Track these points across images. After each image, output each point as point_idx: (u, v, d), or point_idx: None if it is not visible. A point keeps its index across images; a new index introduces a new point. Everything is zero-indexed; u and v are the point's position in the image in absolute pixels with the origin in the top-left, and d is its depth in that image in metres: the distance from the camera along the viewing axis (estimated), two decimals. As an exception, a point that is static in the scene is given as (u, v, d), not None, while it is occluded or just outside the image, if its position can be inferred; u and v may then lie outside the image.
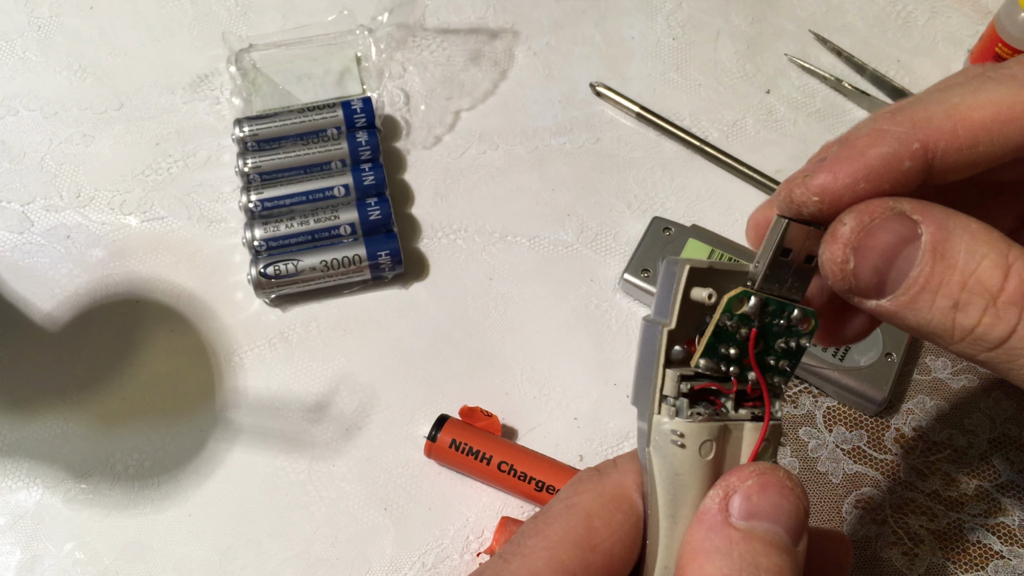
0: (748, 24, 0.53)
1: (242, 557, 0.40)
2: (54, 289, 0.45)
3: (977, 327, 0.20)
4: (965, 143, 0.21)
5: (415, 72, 0.52)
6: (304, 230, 0.44)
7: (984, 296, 0.20)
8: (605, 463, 0.24)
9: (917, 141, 0.21)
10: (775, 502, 0.21)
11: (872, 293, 0.21)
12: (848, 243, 0.21)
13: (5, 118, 0.50)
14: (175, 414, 0.42)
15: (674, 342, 0.22)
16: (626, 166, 0.49)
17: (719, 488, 0.21)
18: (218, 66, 0.52)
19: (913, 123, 0.21)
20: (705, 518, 0.21)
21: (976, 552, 0.40)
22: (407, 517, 0.40)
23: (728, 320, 0.22)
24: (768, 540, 0.21)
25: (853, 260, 0.21)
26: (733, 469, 0.22)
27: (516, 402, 0.43)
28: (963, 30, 0.53)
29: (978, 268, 0.20)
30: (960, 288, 0.20)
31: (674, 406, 0.22)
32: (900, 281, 0.20)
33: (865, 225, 0.21)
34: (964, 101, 0.21)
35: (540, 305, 0.45)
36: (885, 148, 0.21)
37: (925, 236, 0.20)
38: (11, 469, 0.41)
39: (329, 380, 0.43)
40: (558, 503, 0.23)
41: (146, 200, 0.48)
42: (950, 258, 0.20)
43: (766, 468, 0.22)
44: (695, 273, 0.22)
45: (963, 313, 0.20)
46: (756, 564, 0.20)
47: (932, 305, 0.20)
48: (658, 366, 0.22)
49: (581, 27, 0.53)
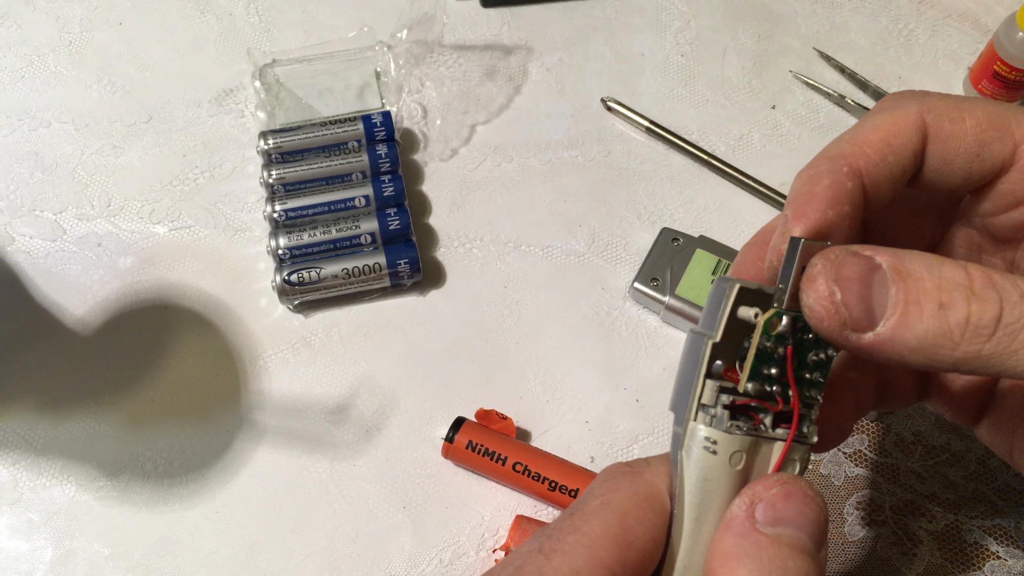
0: (754, 42, 0.55)
1: (267, 552, 0.41)
2: (86, 295, 0.47)
3: (970, 316, 0.21)
4: (877, 159, 0.25)
5: (432, 87, 0.53)
6: (326, 239, 0.46)
7: (961, 289, 0.21)
8: (638, 461, 0.25)
9: (844, 166, 0.25)
10: (799, 509, 0.22)
11: (865, 323, 0.22)
12: (827, 276, 0.23)
13: (38, 130, 0.52)
14: (202, 415, 0.44)
15: (716, 355, 0.24)
16: (636, 178, 0.51)
17: (745, 496, 0.23)
18: (243, 80, 0.53)
19: (829, 157, 0.25)
20: (733, 524, 0.22)
21: (973, 553, 0.41)
22: (425, 515, 0.42)
23: (767, 342, 0.23)
24: (794, 545, 0.22)
25: (838, 291, 0.22)
26: (758, 479, 0.23)
27: (530, 405, 0.44)
28: (963, 48, 0.54)
29: (942, 272, 0.21)
30: (938, 290, 0.21)
31: (711, 415, 0.23)
32: (885, 304, 0.22)
33: (833, 261, 0.23)
34: (859, 131, 0.26)
35: (553, 312, 0.47)
36: (826, 180, 0.25)
37: (884, 264, 0.22)
38: (45, 467, 0.43)
39: (350, 383, 0.45)
40: (593, 500, 0.24)
41: (174, 209, 0.49)
42: (915, 273, 0.22)
43: (789, 478, 0.23)
44: (744, 292, 0.24)
45: (952, 309, 0.21)
46: (784, 567, 0.21)
47: (923, 314, 0.21)
48: (699, 376, 0.23)
49: (593, 44, 0.55)
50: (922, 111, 0.26)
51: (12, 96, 0.53)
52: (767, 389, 0.24)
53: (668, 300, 0.45)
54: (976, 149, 0.25)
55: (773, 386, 0.24)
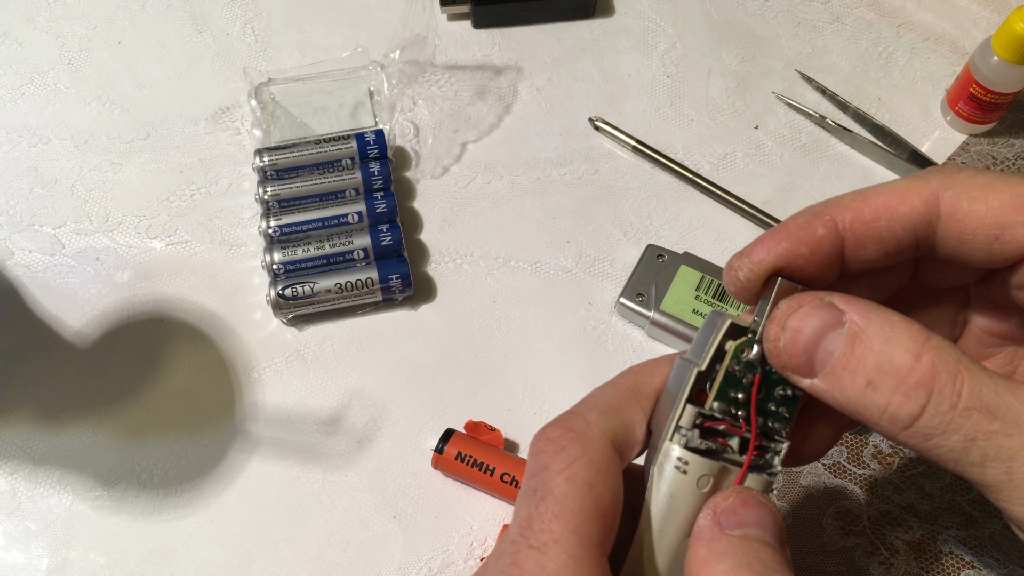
0: (738, 63, 0.56)
1: (260, 561, 0.42)
2: (84, 308, 0.48)
3: (889, 405, 0.22)
4: (868, 217, 0.25)
5: (424, 106, 0.55)
6: (320, 254, 0.47)
7: (895, 376, 0.22)
8: (572, 419, 0.25)
9: (828, 214, 0.26)
10: (757, 513, 0.24)
11: (803, 371, 0.24)
12: (779, 323, 0.24)
13: (38, 146, 0.53)
14: (197, 426, 0.45)
15: (700, 382, 0.25)
16: (623, 196, 0.52)
17: (707, 510, 0.24)
18: (239, 99, 0.55)
19: (827, 204, 0.26)
20: (703, 534, 0.24)
21: (949, 562, 0.42)
22: (415, 525, 0.43)
23: (736, 366, 0.25)
24: (761, 540, 0.23)
25: (783, 339, 0.24)
26: (715, 495, 0.25)
27: (518, 417, 0.45)
28: (941, 71, 0.56)
29: (891, 352, 0.22)
30: (874, 368, 0.22)
31: (685, 436, 0.25)
32: (827, 362, 0.23)
33: (794, 309, 0.24)
34: (871, 189, 0.26)
35: (541, 327, 0.48)
36: (800, 218, 0.26)
37: (848, 323, 0.23)
38: (42, 477, 0.44)
39: (342, 396, 0.46)
40: (555, 476, 0.24)
41: (171, 225, 0.50)
42: (867, 342, 0.23)
43: (742, 489, 0.24)
44: (734, 328, 0.25)
45: (876, 392, 0.22)
46: (759, 557, 0.22)
47: (852, 383, 0.23)
48: (681, 400, 0.25)
49: (581, 65, 0.56)
50: (941, 187, 0.25)
51: (12, 113, 0.54)
52: (732, 411, 0.25)
53: (653, 315, 0.46)
54: (995, 232, 0.24)
55: (739, 410, 0.25)
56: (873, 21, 0.58)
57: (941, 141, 0.53)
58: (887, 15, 0.58)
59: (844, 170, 0.53)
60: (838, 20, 0.58)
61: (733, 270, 0.26)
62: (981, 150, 0.53)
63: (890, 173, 0.52)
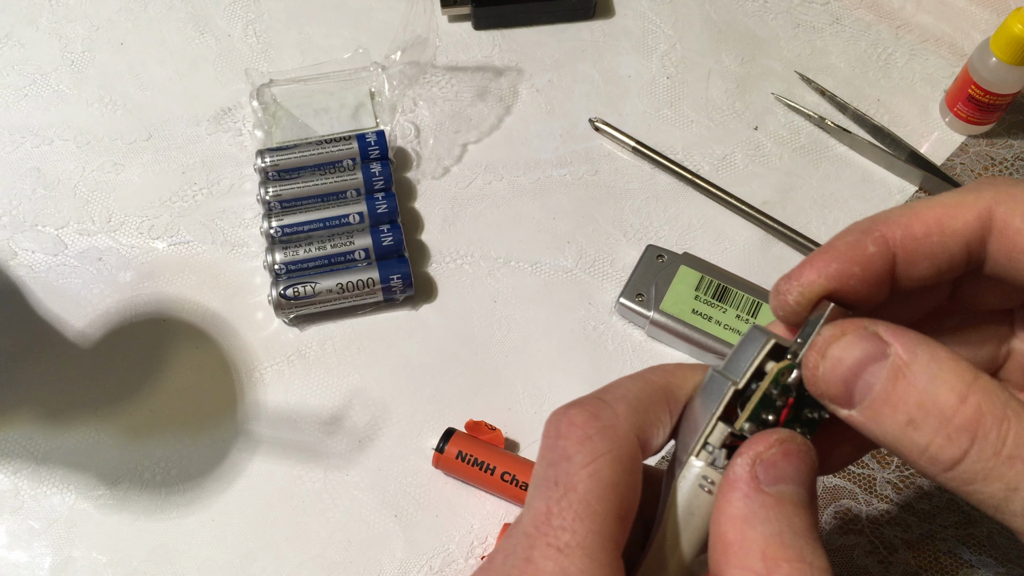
0: (738, 65, 0.56)
1: (262, 560, 0.42)
2: (86, 308, 0.48)
3: (930, 446, 0.21)
4: (920, 233, 0.24)
5: (425, 107, 0.55)
6: (321, 254, 0.47)
7: (938, 417, 0.21)
8: (601, 408, 0.24)
9: (878, 231, 0.24)
10: (797, 466, 0.23)
11: (841, 401, 0.23)
12: (819, 351, 0.23)
13: (40, 147, 0.53)
14: (199, 426, 0.45)
15: (736, 400, 0.24)
16: (622, 197, 0.52)
17: (747, 456, 0.23)
18: (240, 100, 0.55)
19: (874, 219, 0.25)
20: (738, 485, 0.23)
21: (947, 561, 0.42)
22: (416, 523, 0.43)
23: (774, 389, 0.24)
24: (796, 501, 0.22)
25: (823, 367, 0.23)
26: (756, 437, 0.23)
27: (518, 417, 0.46)
28: (939, 72, 0.56)
29: (936, 392, 0.21)
30: (917, 407, 0.21)
31: (712, 455, 0.24)
32: (866, 394, 0.22)
33: (837, 337, 0.23)
34: (921, 203, 0.25)
35: (541, 327, 0.48)
36: (850, 236, 0.25)
37: (892, 356, 0.22)
38: (46, 476, 0.44)
39: (343, 395, 0.46)
40: (579, 470, 0.23)
41: (173, 225, 0.51)
42: (911, 379, 0.22)
43: (786, 435, 0.23)
44: (776, 348, 0.24)
45: (917, 431, 0.21)
46: (791, 525, 0.22)
47: (893, 419, 0.22)
48: (714, 417, 0.24)
49: (581, 66, 0.56)
50: (995, 201, 0.24)
51: (15, 114, 0.54)
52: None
53: (653, 315, 0.46)
54: None
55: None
56: (872, 23, 0.58)
57: (940, 142, 0.54)
58: (886, 17, 0.58)
59: (843, 171, 0.53)
60: (837, 22, 0.58)
61: (781, 294, 0.25)
62: (980, 151, 0.53)
63: (889, 174, 0.53)
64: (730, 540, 0.22)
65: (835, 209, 0.51)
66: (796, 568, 0.21)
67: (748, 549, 0.22)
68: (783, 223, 0.50)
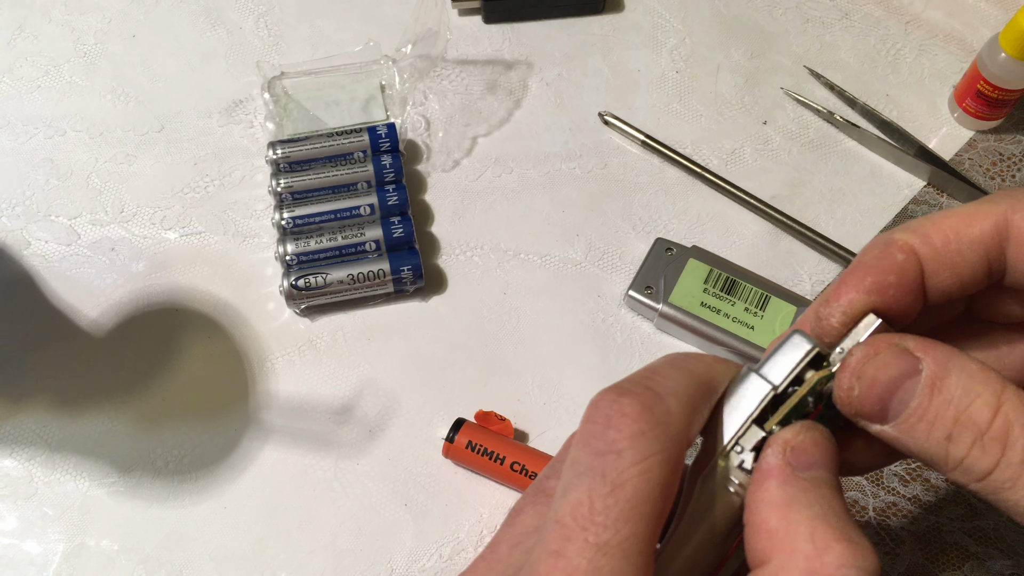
0: (747, 59, 0.57)
1: (273, 547, 0.43)
2: (99, 298, 0.49)
3: (966, 458, 0.22)
4: (939, 243, 0.25)
5: (436, 100, 0.55)
6: (332, 246, 0.48)
7: (974, 431, 0.22)
8: (654, 401, 0.23)
9: (900, 240, 0.25)
10: (825, 453, 0.23)
11: (876, 419, 0.23)
12: (854, 373, 0.24)
13: (54, 138, 0.53)
14: (212, 414, 0.46)
15: (772, 404, 0.24)
16: (632, 190, 0.52)
17: (776, 446, 0.23)
18: (252, 92, 0.55)
19: (893, 232, 0.25)
20: (774, 472, 0.23)
21: (954, 553, 0.43)
22: (426, 512, 0.43)
23: (809, 396, 0.24)
24: (832, 484, 0.23)
25: (858, 388, 0.23)
26: (786, 428, 0.24)
27: (527, 408, 0.46)
28: (948, 67, 0.56)
29: (971, 405, 0.22)
30: (953, 422, 0.22)
31: (742, 457, 0.24)
32: (900, 411, 0.23)
33: (870, 358, 0.23)
34: (938, 214, 0.25)
35: (550, 318, 0.48)
36: (875, 250, 0.25)
37: (925, 372, 0.23)
38: (59, 463, 0.44)
39: (354, 385, 0.46)
40: (631, 468, 0.22)
41: (185, 216, 0.51)
42: (947, 394, 0.22)
43: (810, 426, 0.24)
44: (817, 357, 0.25)
45: (955, 445, 0.22)
46: (833, 507, 0.22)
47: (928, 435, 0.22)
48: (748, 419, 0.24)
49: (591, 60, 0.57)
50: (1011, 209, 0.24)
51: (29, 105, 0.55)
52: None
53: (662, 308, 0.47)
54: None
55: None
56: (881, 18, 0.58)
57: (948, 137, 0.54)
58: (895, 12, 0.58)
59: (852, 166, 0.53)
60: (846, 17, 0.58)
61: (824, 319, 0.25)
62: (988, 146, 0.53)
63: (897, 169, 0.53)
64: (774, 527, 0.22)
65: (843, 204, 0.52)
66: (847, 548, 0.21)
67: (795, 533, 0.22)
68: (792, 217, 0.50)
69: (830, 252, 0.50)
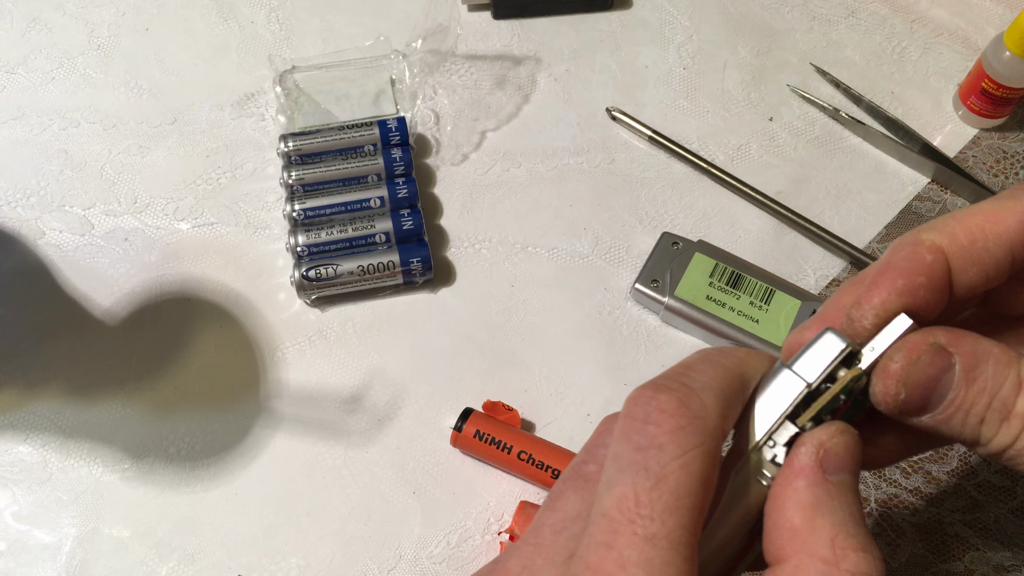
0: (754, 56, 0.57)
1: (283, 533, 0.43)
2: (113, 287, 0.49)
3: (996, 436, 0.24)
4: (965, 240, 0.26)
5: (445, 94, 0.56)
6: (343, 237, 0.48)
7: (1002, 411, 0.24)
8: (690, 396, 0.24)
9: (927, 239, 0.26)
10: (854, 456, 0.24)
11: (916, 412, 0.25)
12: (900, 379, 0.25)
13: (68, 130, 0.54)
14: (223, 402, 0.46)
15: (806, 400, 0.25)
16: (638, 185, 0.53)
17: (810, 446, 0.24)
18: (264, 86, 0.56)
19: (919, 231, 0.26)
20: (804, 473, 0.23)
21: (954, 544, 0.43)
22: (434, 500, 0.44)
23: (842, 394, 0.25)
24: (852, 488, 0.24)
25: (904, 393, 0.25)
26: (820, 427, 0.24)
27: (534, 398, 0.47)
28: (953, 65, 0.57)
29: (1000, 388, 0.24)
30: (986, 408, 0.24)
31: (774, 452, 0.25)
32: (939, 403, 0.25)
33: (912, 362, 0.25)
34: (962, 212, 0.26)
35: (557, 311, 0.49)
36: (904, 251, 0.26)
37: (958, 365, 0.24)
38: (73, 449, 0.45)
39: (363, 375, 0.47)
40: (672, 461, 0.22)
41: (197, 207, 0.52)
42: (980, 382, 0.24)
43: (844, 427, 0.25)
44: (850, 355, 0.25)
45: (987, 426, 0.24)
46: (854, 515, 0.23)
47: (964, 421, 0.24)
48: (782, 415, 0.25)
49: (599, 56, 0.57)
50: None
51: (43, 97, 0.55)
52: None
53: (668, 301, 0.47)
54: None
55: None
56: (887, 16, 0.58)
57: (953, 135, 0.54)
58: (901, 10, 0.59)
59: (857, 162, 0.53)
60: (853, 15, 0.59)
61: (856, 321, 0.26)
62: (992, 144, 0.54)
63: (902, 166, 0.53)
64: (797, 526, 0.23)
65: (848, 200, 0.52)
66: (863, 558, 0.22)
67: (817, 536, 0.22)
68: (797, 212, 0.51)
69: (834, 247, 0.50)
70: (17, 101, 0.55)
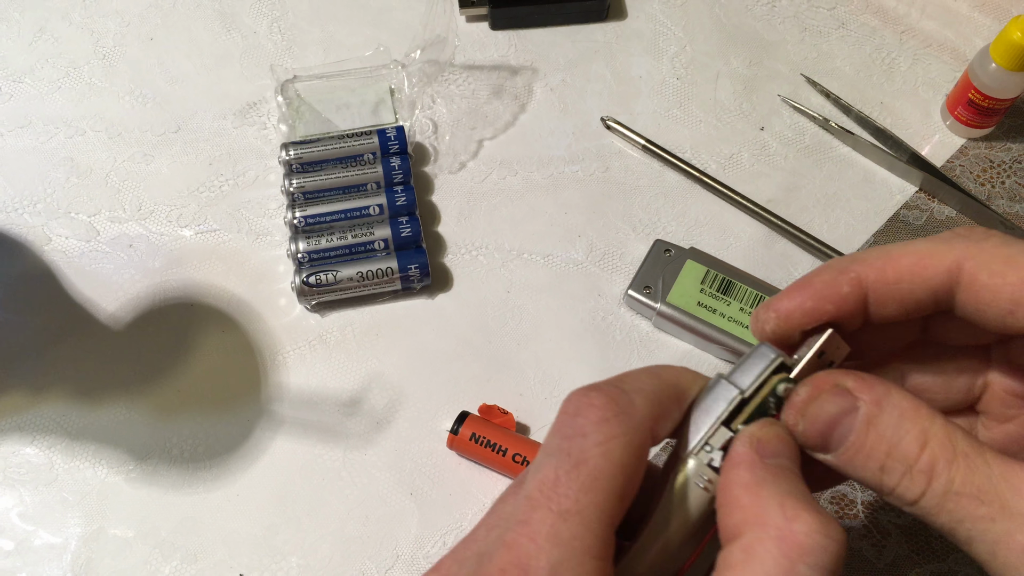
0: (745, 67, 0.58)
1: (283, 533, 0.44)
2: (117, 292, 0.50)
3: (898, 487, 0.24)
4: (891, 279, 0.27)
5: (443, 104, 0.57)
6: (342, 244, 0.49)
7: (904, 463, 0.24)
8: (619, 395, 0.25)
9: (853, 271, 0.27)
10: (788, 446, 0.26)
11: (819, 449, 0.26)
12: (799, 411, 0.26)
13: (74, 138, 0.55)
14: (225, 405, 0.47)
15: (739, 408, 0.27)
16: (632, 193, 0.54)
17: (745, 438, 0.25)
18: (266, 95, 0.57)
19: (852, 259, 0.27)
20: (743, 459, 0.25)
21: (938, 545, 0.44)
22: (430, 501, 0.45)
23: (771, 398, 0.27)
24: (792, 471, 0.25)
25: (802, 424, 0.26)
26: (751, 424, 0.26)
27: (529, 402, 0.48)
28: (941, 76, 0.58)
29: (901, 441, 0.24)
30: (885, 455, 0.25)
31: (711, 456, 0.26)
32: (841, 443, 0.25)
33: (814, 398, 0.26)
34: (895, 248, 0.27)
35: (552, 316, 0.50)
36: (826, 275, 0.27)
37: (862, 410, 0.25)
38: (79, 451, 0.46)
39: (362, 379, 0.48)
40: (592, 447, 0.24)
41: (200, 214, 0.53)
42: (880, 430, 0.25)
43: (773, 422, 0.26)
44: (781, 366, 0.27)
45: (887, 475, 0.25)
46: (798, 487, 0.24)
47: (865, 465, 0.25)
48: (717, 421, 0.26)
49: (594, 66, 0.58)
50: (965, 255, 0.26)
51: (50, 105, 0.56)
52: None
53: (660, 307, 0.48)
54: (1010, 307, 0.25)
55: None
56: (877, 28, 0.60)
57: (940, 145, 0.55)
58: (891, 22, 0.60)
59: (846, 171, 0.55)
60: (843, 26, 0.60)
61: (760, 321, 0.28)
62: (979, 154, 0.55)
63: (890, 175, 0.54)
64: (745, 503, 0.24)
65: (837, 208, 0.53)
66: (815, 517, 0.23)
67: (765, 506, 0.23)
68: (787, 220, 0.52)
69: (824, 255, 0.51)
70: (24, 110, 0.56)
